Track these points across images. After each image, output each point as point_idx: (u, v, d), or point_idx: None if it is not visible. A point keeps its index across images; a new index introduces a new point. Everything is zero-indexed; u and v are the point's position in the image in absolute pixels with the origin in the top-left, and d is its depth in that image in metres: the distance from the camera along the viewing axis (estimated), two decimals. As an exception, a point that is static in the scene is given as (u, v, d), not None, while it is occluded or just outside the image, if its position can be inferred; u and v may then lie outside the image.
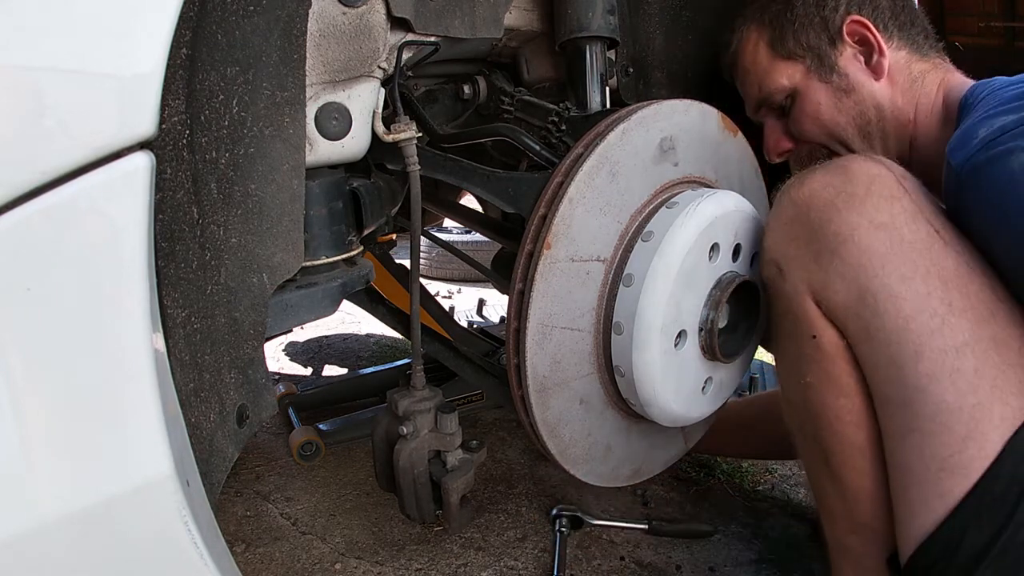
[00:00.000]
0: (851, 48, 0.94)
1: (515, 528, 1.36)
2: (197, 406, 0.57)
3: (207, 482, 0.57)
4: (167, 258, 0.52)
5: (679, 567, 1.25)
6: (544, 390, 0.80)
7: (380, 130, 0.83)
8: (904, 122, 0.92)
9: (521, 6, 1.03)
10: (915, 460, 0.70)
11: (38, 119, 0.42)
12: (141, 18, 0.46)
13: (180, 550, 0.52)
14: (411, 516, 0.95)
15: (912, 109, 0.91)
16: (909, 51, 0.94)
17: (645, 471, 0.98)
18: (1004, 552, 0.63)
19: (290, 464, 1.64)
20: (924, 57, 0.94)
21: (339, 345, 2.66)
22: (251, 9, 0.59)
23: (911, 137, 0.92)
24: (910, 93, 0.92)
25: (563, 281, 0.78)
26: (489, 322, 2.82)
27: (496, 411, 1.93)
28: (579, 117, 0.97)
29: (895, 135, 0.93)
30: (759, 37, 1.01)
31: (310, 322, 0.84)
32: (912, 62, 0.93)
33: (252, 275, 0.64)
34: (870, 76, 0.93)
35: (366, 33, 0.78)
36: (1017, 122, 0.65)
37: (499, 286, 1.53)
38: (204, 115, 0.56)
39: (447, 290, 3.81)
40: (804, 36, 0.96)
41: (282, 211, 0.66)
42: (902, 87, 0.92)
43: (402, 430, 0.91)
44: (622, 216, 0.81)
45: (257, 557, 1.27)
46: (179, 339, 0.54)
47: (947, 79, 0.91)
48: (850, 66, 0.94)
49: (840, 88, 0.94)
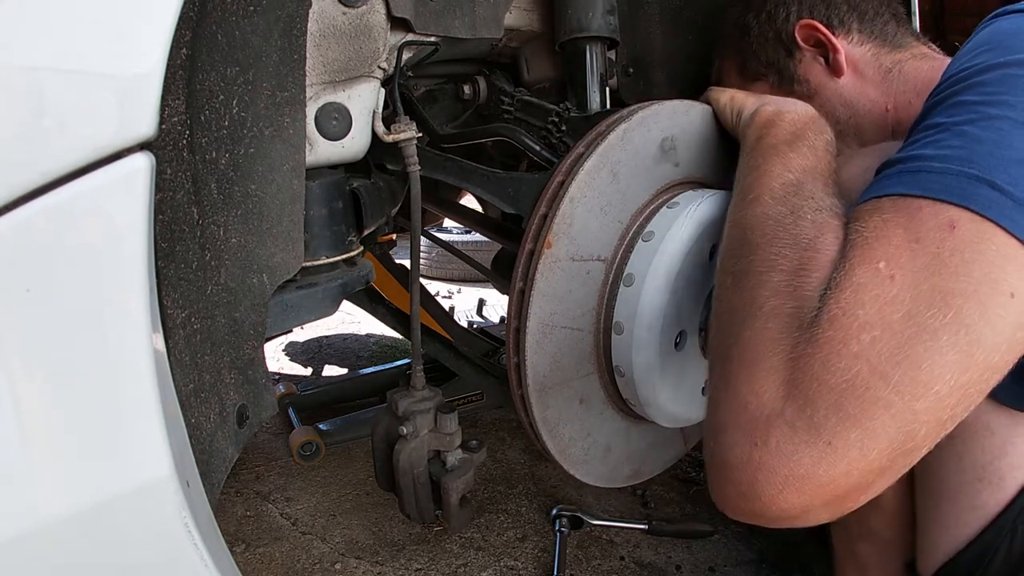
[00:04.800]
0: (809, 52, 0.93)
1: (515, 528, 1.36)
2: (197, 406, 0.57)
3: (207, 482, 0.57)
4: (167, 258, 0.52)
5: (679, 567, 1.25)
6: (544, 389, 0.80)
7: (380, 130, 0.83)
8: (880, 113, 0.91)
9: (521, 6, 1.03)
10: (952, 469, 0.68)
11: (38, 119, 0.42)
12: (141, 18, 0.46)
13: (180, 550, 0.52)
14: (411, 516, 0.95)
15: (888, 99, 0.90)
16: (876, 42, 0.92)
17: (645, 471, 0.98)
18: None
19: (290, 464, 1.64)
20: (897, 47, 0.92)
21: (339, 345, 2.66)
22: (251, 9, 0.59)
23: (892, 126, 0.91)
24: (884, 84, 0.90)
25: (564, 280, 0.78)
26: (489, 322, 2.82)
27: (496, 411, 1.93)
28: (579, 117, 0.97)
29: (872, 127, 0.92)
30: (730, 66, 1.02)
31: (310, 322, 0.84)
32: (881, 53, 0.91)
33: (252, 275, 0.64)
34: (831, 75, 0.92)
35: (366, 33, 0.78)
36: None
37: (499, 286, 1.53)
38: (204, 115, 0.56)
39: (447, 290, 3.81)
40: (763, 54, 0.96)
41: (282, 211, 0.66)
42: (873, 80, 0.91)
43: (402, 430, 0.91)
44: (623, 216, 0.81)
45: (257, 557, 1.27)
46: (179, 339, 0.54)
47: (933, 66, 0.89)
48: (811, 71, 0.94)
49: (803, 95, 0.93)
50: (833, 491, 0.46)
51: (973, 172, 0.48)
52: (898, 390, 0.44)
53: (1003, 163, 0.48)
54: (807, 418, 0.46)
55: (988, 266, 0.45)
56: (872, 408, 0.45)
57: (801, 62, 0.94)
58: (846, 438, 0.45)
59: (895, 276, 0.47)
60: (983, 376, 0.46)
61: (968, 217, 0.47)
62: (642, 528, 1.32)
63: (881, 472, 0.46)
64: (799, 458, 0.45)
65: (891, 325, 0.45)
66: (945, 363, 0.44)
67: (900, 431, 0.45)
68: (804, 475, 0.45)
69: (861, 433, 0.45)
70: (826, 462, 0.45)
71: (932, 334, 0.45)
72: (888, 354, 0.45)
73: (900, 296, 0.46)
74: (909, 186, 0.51)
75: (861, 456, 0.45)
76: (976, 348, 0.45)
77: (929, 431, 0.46)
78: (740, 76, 1.00)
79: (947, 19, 1.95)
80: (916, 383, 0.44)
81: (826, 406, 0.45)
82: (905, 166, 0.53)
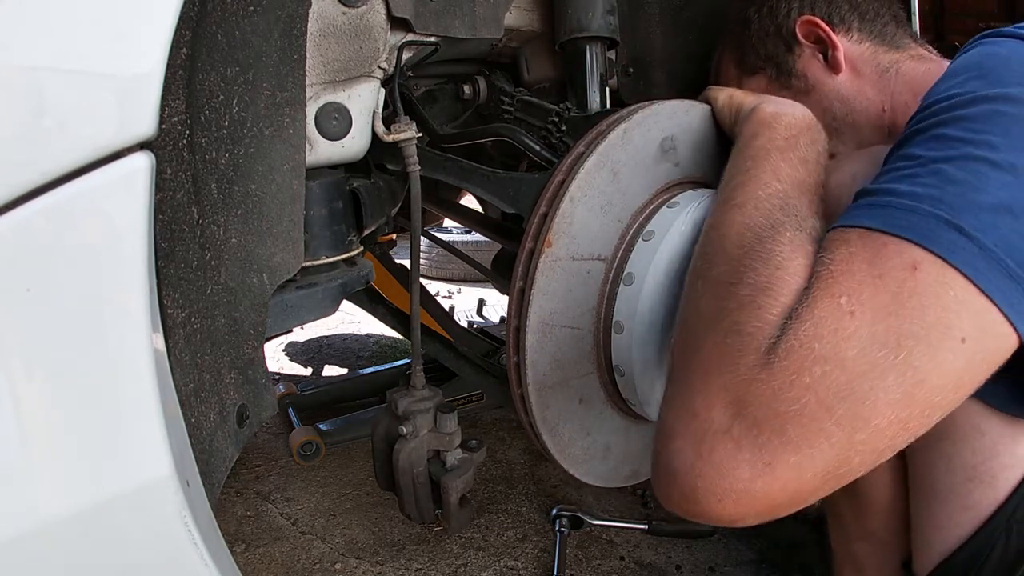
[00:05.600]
0: (808, 48, 0.93)
1: (515, 528, 1.36)
2: (197, 406, 0.57)
3: (207, 482, 0.57)
4: (167, 258, 0.52)
5: (679, 567, 1.25)
6: (544, 389, 0.80)
7: (380, 130, 0.83)
8: (877, 112, 0.91)
9: (521, 6, 1.03)
10: (942, 470, 0.68)
11: (38, 119, 0.42)
12: (141, 18, 0.46)
13: (180, 550, 0.52)
14: (411, 516, 0.95)
15: (885, 99, 0.90)
16: (875, 42, 0.92)
17: (644, 471, 0.98)
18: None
19: (290, 464, 1.64)
20: (896, 47, 0.92)
21: (339, 345, 2.66)
22: (251, 9, 0.59)
23: (888, 126, 0.91)
24: (881, 83, 0.90)
25: (564, 279, 0.78)
26: (489, 322, 2.82)
27: (496, 411, 1.93)
28: (579, 117, 0.97)
29: (869, 125, 0.92)
30: (729, 60, 1.02)
31: (310, 322, 0.84)
32: (879, 52, 0.92)
33: (252, 275, 0.64)
34: (829, 72, 0.92)
35: (366, 33, 0.78)
36: None
37: (499, 286, 1.53)
38: (204, 115, 0.56)
39: (447, 290, 3.81)
40: (763, 48, 0.96)
41: (282, 211, 0.66)
42: (870, 78, 0.91)
43: (402, 430, 0.91)
44: (623, 215, 0.81)
45: (257, 557, 1.27)
46: (179, 339, 0.54)
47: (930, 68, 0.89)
48: (809, 67, 0.94)
49: (800, 90, 0.94)
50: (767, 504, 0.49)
51: (942, 215, 0.49)
52: (840, 423, 0.46)
53: (973, 208, 0.48)
54: (752, 438, 0.48)
55: (943, 311, 0.47)
56: (814, 437, 0.47)
57: (800, 57, 0.94)
58: (785, 461, 0.47)
59: (855, 312, 0.48)
60: (924, 413, 0.47)
61: (930, 260, 0.48)
62: (642, 528, 1.32)
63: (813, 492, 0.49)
64: (739, 474, 0.48)
65: (843, 361, 0.47)
66: (888, 400, 0.46)
67: (836, 458, 0.47)
68: (742, 490, 0.48)
69: (800, 458, 0.47)
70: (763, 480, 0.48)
71: (880, 373, 0.46)
72: (835, 388, 0.47)
73: (857, 333, 0.47)
74: (877, 221, 0.51)
75: (796, 478, 0.47)
76: (920, 389, 0.46)
77: (864, 459, 0.48)
78: (738, 69, 1.00)
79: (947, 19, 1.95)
80: (857, 417, 0.46)
81: (770, 430, 0.48)
82: (876, 199, 0.53)
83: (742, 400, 0.50)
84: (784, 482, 0.48)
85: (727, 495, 0.49)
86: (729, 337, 0.53)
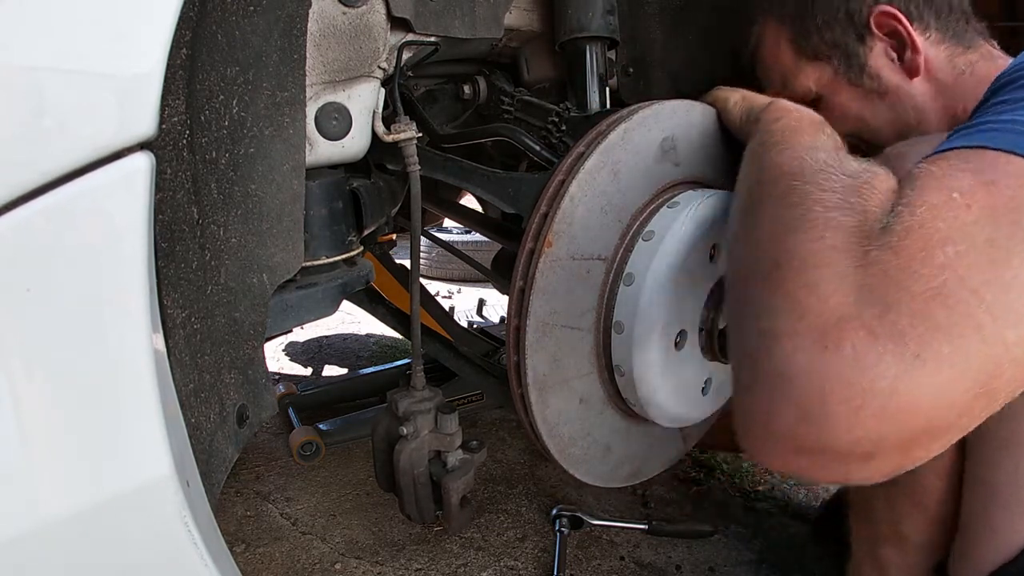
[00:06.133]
0: (881, 43, 0.84)
1: (515, 528, 1.36)
2: (197, 406, 0.57)
3: (207, 482, 0.57)
4: (167, 258, 0.52)
5: (679, 567, 1.25)
6: (544, 388, 0.80)
7: (380, 130, 0.83)
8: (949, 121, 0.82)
9: (521, 6, 1.03)
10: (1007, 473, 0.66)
11: (38, 119, 0.42)
12: (141, 18, 0.46)
13: (180, 550, 0.52)
14: (411, 516, 0.95)
15: (958, 105, 0.82)
16: (951, 42, 0.83)
17: (644, 471, 0.98)
18: None
19: (290, 464, 1.64)
20: (969, 47, 0.83)
21: (339, 345, 2.66)
22: (251, 9, 0.59)
23: None
24: (956, 88, 0.82)
25: (564, 279, 0.78)
26: (489, 322, 2.82)
27: (496, 411, 1.93)
28: (579, 117, 0.97)
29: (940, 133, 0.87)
30: (779, 33, 0.91)
31: (310, 322, 0.84)
32: (955, 54, 0.83)
33: (252, 275, 0.64)
34: (904, 76, 0.84)
35: (366, 33, 0.78)
36: None
37: (499, 286, 1.53)
38: (204, 115, 0.56)
39: (447, 290, 3.81)
40: (829, 33, 0.85)
41: (282, 211, 0.66)
42: (945, 83, 0.82)
43: (402, 430, 0.91)
44: (623, 215, 0.81)
45: (257, 557, 1.27)
46: (179, 339, 0.54)
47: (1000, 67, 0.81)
48: (882, 65, 0.85)
49: (872, 91, 0.86)
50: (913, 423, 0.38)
51: None
52: (991, 311, 0.38)
53: None
54: (890, 323, 0.38)
55: None
56: (964, 323, 0.38)
57: (872, 51, 0.85)
58: (937, 351, 0.38)
59: (971, 206, 0.42)
60: None
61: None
62: (642, 528, 1.32)
63: (960, 415, 0.40)
64: (883, 368, 0.38)
65: (976, 244, 0.40)
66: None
67: (990, 360, 0.38)
68: (887, 391, 0.37)
69: (952, 349, 0.38)
70: (914, 378, 0.38)
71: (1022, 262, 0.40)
72: (977, 269, 0.39)
73: (980, 222, 0.41)
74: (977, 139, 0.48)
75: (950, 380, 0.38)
76: None
77: (1013, 375, 0.40)
78: (794, 50, 0.90)
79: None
80: (1009, 308, 0.39)
81: (911, 312, 0.39)
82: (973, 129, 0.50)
83: (866, 285, 0.40)
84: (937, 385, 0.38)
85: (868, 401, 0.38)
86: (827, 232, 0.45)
